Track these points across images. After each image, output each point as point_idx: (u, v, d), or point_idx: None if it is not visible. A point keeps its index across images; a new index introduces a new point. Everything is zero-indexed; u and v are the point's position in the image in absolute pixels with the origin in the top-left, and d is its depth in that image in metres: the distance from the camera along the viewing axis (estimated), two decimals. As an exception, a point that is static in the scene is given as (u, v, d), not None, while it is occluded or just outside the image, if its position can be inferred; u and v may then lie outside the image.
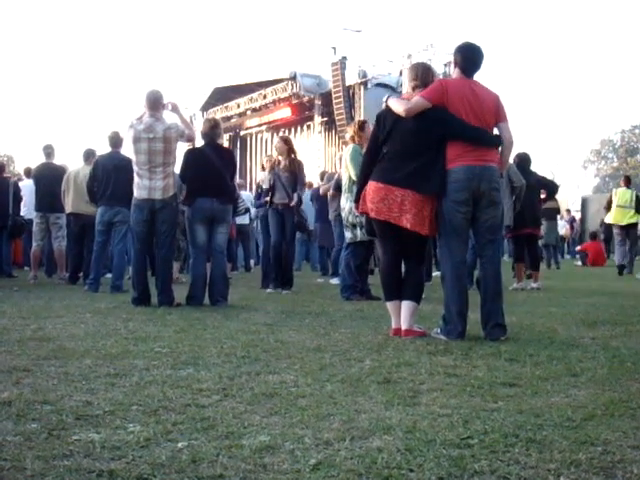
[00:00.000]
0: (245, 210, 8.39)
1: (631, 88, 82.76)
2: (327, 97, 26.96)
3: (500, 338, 4.76)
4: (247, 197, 11.25)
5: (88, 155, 10.31)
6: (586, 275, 14.99)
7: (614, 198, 14.95)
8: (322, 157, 28.11)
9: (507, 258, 15.45)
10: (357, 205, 5.25)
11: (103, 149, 9.63)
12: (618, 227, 15.04)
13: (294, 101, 29.18)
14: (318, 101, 28.18)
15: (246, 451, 2.30)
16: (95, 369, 3.62)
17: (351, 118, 24.32)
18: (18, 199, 12.06)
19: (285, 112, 30.15)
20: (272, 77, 29.37)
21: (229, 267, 10.59)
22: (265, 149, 31.38)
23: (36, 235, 11.08)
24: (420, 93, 4.97)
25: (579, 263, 20.47)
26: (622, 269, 14.61)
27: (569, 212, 28.99)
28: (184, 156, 7.58)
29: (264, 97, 30.58)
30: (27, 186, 12.20)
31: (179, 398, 3.00)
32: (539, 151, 64.47)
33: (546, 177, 12.27)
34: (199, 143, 7.79)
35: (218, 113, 31.79)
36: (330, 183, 10.74)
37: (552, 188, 11.48)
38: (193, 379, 3.40)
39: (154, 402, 2.92)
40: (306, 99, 28.72)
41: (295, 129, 30.65)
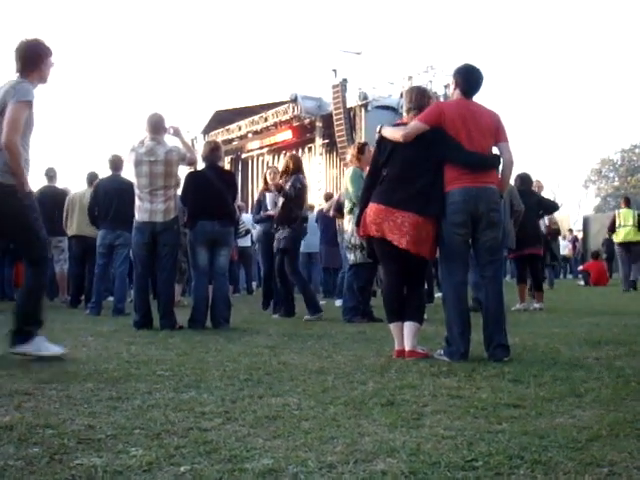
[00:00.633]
0: (245, 232, 8.41)
1: (631, 107, 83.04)
2: (328, 119, 27.06)
3: (503, 359, 4.74)
4: (248, 219, 11.24)
5: (92, 178, 10.35)
6: (589, 295, 14.96)
7: (617, 219, 15.40)
8: (323, 179, 28.16)
9: (509, 279, 15.43)
10: (358, 228, 5.27)
11: (105, 172, 9.67)
12: (624, 246, 15.54)
13: (295, 123, 29.29)
14: (319, 123, 28.28)
15: (249, 475, 2.29)
16: (97, 392, 3.61)
17: (352, 140, 24.40)
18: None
19: (286, 134, 30.25)
20: (273, 100, 29.50)
21: (230, 289, 10.58)
22: (266, 171, 31.39)
23: (38, 258, 11.07)
24: (417, 117, 5.01)
25: (582, 283, 20.43)
26: (634, 285, 15.31)
27: (571, 232, 29.01)
28: (185, 179, 7.61)
29: (265, 120, 30.70)
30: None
31: (181, 421, 2.99)
32: (540, 171, 64.66)
33: (546, 198, 12.30)
34: (200, 166, 7.83)
35: (219, 136, 31.90)
36: (330, 202, 10.78)
37: (551, 209, 11.51)
38: (195, 402, 3.38)
39: (156, 426, 2.91)
40: (307, 121, 28.82)
41: (296, 151, 30.65)
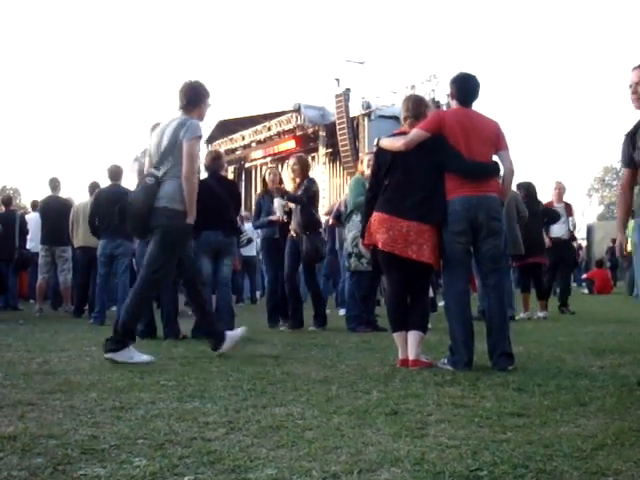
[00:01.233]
0: (248, 241, 8.37)
1: (633, 116, 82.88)
2: (331, 128, 27.11)
3: (508, 368, 4.73)
4: (251, 228, 11.22)
5: (94, 188, 10.36)
6: (593, 303, 14.93)
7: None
8: (327, 188, 28.17)
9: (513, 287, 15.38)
10: (363, 239, 5.28)
11: (107, 182, 9.67)
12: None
13: (298, 133, 29.35)
14: (322, 132, 28.33)
15: (253, 485, 2.28)
16: (101, 402, 3.60)
17: (355, 149, 24.46)
18: (24, 232, 12.10)
19: (290, 144, 30.30)
20: (276, 109, 29.57)
21: (234, 299, 10.57)
22: (270, 181, 31.41)
23: (42, 268, 11.11)
24: (418, 125, 5.02)
25: (585, 291, 20.40)
26: None
27: (575, 240, 28.92)
28: None
29: (268, 129, 30.76)
30: (33, 219, 12.25)
31: (185, 431, 2.98)
32: (543, 180, 64.52)
33: (551, 207, 12.27)
34: (202, 175, 7.83)
35: (223, 145, 31.99)
36: (331, 205, 10.78)
37: (557, 217, 11.49)
38: (199, 412, 3.38)
39: (160, 436, 2.90)
40: (310, 131, 28.89)
41: (300, 160, 30.73)
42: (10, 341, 6.57)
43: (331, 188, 28.27)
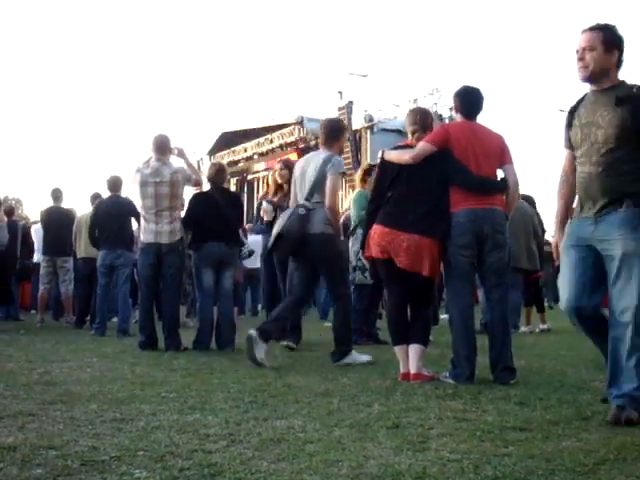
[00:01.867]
0: (250, 253, 8.36)
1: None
2: (334, 141, 27.09)
3: (509, 381, 4.72)
4: (256, 241, 11.20)
5: (96, 199, 10.38)
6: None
7: None
8: (329, 200, 28.18)
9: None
10: (364, 251, 5.27)
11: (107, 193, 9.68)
12: None
13: (301, 145, 29.35)
14: (325, 145, 28.33)
15: (253, 498, 2.27)
16: (101, 414, 3.59)
17: (358, 162, 24.49)
18: (26, 243, 12.11)
19: (292, 156, 30.29)
20: (279, 121, 29.62)
21: (236, 311, 10.54)
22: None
23: (43, 278, 11.12)
24: (424, 139, 5.02)
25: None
26: None
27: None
28: (190, 200, 7.63)
29: (271, 141, 30.80)
30: (39, 230, 12.26)
31: (186, 444, 2.97)
32: (546, 194, 64.50)
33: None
34: (205, 187, 7.85)
35: (225, 157, 32.02)
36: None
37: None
38: (200, 424, 3.37)
39: (161, 448, 2.89)
40: (313, 143, 28.86)
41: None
42: (11, 351, 6.56)
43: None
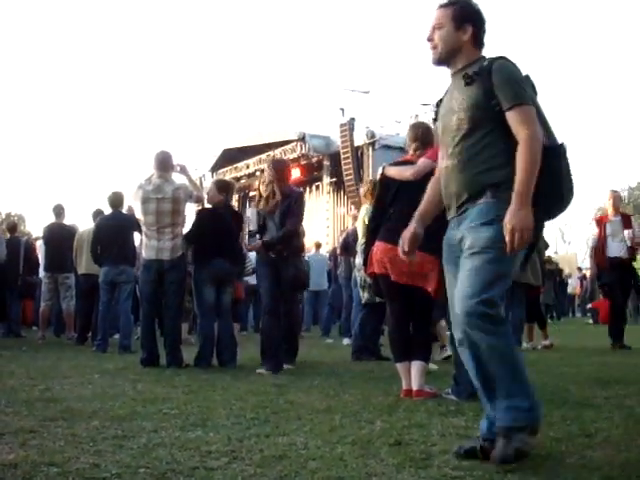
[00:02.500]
0: (253, 270, 8.35)
1: (636, 145, 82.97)
2: (336, 157, 27.16)
3: (512, 398, 4.69)
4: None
5: (97, 215, 10.39)
6: (598, 333, 14.84)
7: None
8: (331, 217, 28.21)
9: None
10: (365, 267, 5.27)
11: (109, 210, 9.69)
12: None
13: (303, 162, 29.39)
14: (327, 162, 28.39)
15: (255, 515, 2.26)
16: (102, 431, 3.58)
17: (360, 178, 24.47)
18: (29, 258, 12.10)
19: (294, 173, 30.33)
20: (281, 138, 29.67)
21: (238, 327, 10.53)
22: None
23: (45, 295, 11.12)
24: (426, 155, 5.01)
25: (590, 321, 20.30)
26: None
27: (580, 270, 28.87)
28: (196, 216, 7.63)
29: (273, 158, 30.87)
30: (43, 246, 12.23)
31: (187, 461, 2.96)
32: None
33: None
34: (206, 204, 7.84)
35: (227, 174, 32.03)
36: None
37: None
38: (202, 441, 3.35)
39: (162, 465, 2.88)
40: (315, 160, 28.95)
41: (304, 190, 30.80)
42: (13, 368, 6.55)
43: (335, 217, 28.28)
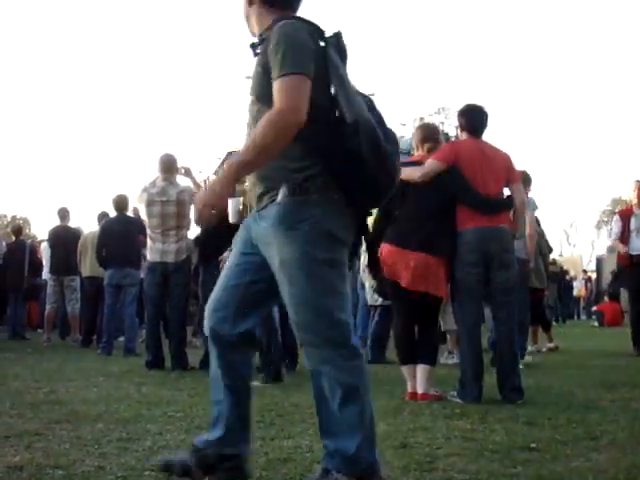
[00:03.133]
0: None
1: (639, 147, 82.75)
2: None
3: (517, 401, 4.69)
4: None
5: (102, 218, 10.40)
6: (603, 336, 14.83)
7: None
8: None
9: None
10: (370, 269, 5.26)
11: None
12: None
13: (307, 164, 29.36)
14: (332, 164, 28.36)
15: (260, 518, 2.26)
16: (107, 433, 3.58)
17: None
18: (34, 261, 12.12)
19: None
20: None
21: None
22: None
23: (50, 298, 11.12)
24: (433, 156, 5.00)
25: (596, 324, 20.26)
26: None
27: (585, 272, 28.82)
28: None
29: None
30: (47, 248, 12.23)
31: (192, 463, 2.95)
32: (553, 212, 64.37)
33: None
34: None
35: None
36: None
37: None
38: (206, 444, 3.34)
39: (167, 467, 2.88)
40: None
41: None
42: (18, 370, 6.56)
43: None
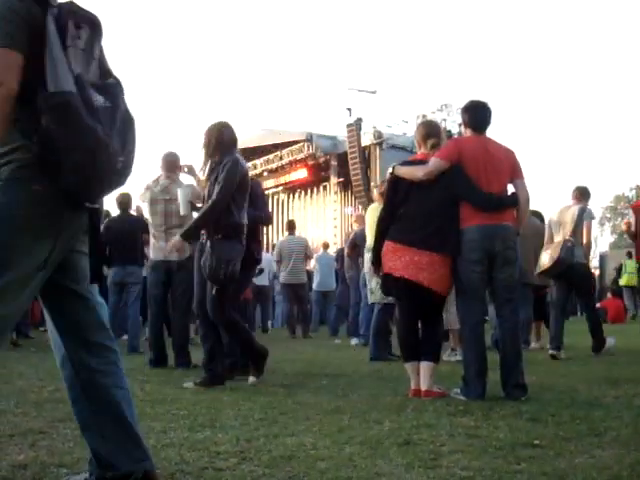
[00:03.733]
0: (260, 271, 8.34)
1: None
2: (343, 158, 27.13)
3: (521, 398, 4.69)
4: (266, 258, 11.21)
5: (105, 217, 10.41)
6: (606, 332, 14.75)
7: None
8: (338, 217, 28.22)
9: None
10: (375, 267, 5.26)
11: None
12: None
13: (310, 162, 29.37)
14: (334, 162, 28.36)
15: (264, 515, 2.26)
16: (112, 432, 3.58)
17: (367, 179, 24.46)
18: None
19: (301, 173, 30.34)
20: (288, 139, 29.67)
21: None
22: (282, 210, 31.60)
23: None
24: (436, 154, 4.99)
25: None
26: None
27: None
28: None
29: (280, 158, 30.83)
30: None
31: (196, 461, 2.97)
32: (555, 210, 64.14)
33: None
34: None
35: (235, 175, 31.98)
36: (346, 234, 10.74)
37: None
38: (210, 442, 3.36)
39: (171, 465, 2.89)
40: (322, 160, 28.92)
41: (311, 190, 30.87)
42: (22, 369, 6.56)
43: (342, 218, 28.28)
